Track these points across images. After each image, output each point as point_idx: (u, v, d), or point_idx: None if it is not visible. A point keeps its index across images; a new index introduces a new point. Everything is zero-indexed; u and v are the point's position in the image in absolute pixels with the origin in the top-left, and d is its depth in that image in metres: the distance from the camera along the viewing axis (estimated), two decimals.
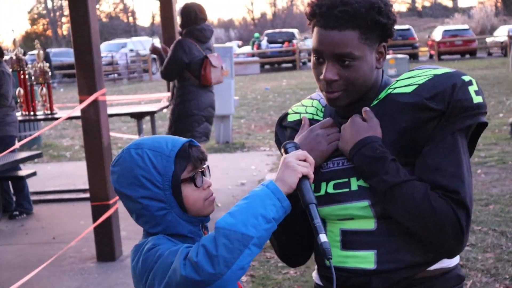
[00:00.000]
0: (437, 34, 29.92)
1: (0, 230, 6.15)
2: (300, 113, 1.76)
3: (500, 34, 29.71)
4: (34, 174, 6.44)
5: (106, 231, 4.92)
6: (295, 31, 34.62)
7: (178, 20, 5.89)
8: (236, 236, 1.38)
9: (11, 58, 6.94)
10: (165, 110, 7.35)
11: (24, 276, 4.20)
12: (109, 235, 4.95)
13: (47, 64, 7.09)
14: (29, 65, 7.16)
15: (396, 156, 1.55)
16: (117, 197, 5.08)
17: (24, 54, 7.15)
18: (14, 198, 6.68)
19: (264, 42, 32.34)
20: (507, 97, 13.60)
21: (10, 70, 6.73)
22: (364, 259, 1.58)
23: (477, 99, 1.54)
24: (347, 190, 1.59)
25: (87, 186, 5.23)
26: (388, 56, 19.77)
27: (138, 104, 11.48)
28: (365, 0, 1.53)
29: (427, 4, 71.54)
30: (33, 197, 6.86)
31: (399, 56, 19.12)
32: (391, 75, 18.03)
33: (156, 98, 10.40)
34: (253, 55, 31.50)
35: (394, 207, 1.53)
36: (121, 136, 10.82)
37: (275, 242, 1.75)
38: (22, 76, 6.93)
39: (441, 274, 1.59)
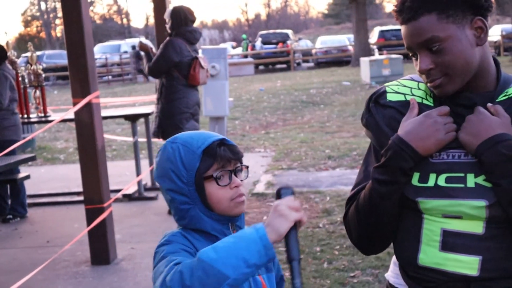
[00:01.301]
0: None
1: None
2: (404, 94, 1.64)
3: (494, 34, 29.80)
4: (28, 177, 6.40)
5: (100, 234, 4.89)
6: (289, 32, 34.69)
7: (167, 22, 5.91)
8: (213, 272, 1.35)
9: None
10: None
11: (18, 280, 4.18)
12: (104, 238, 4.92)
13: (41, 67, 7.06)
14: (23, 67, 7.13)
15: None
16: (111, 200, 5.05)
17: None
18: (9, 203, 6.63)
19: (258, 43, 32.35)
20: None
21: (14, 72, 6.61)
22: (467, 265, 1.49)
23: None
24: (462, 185, 1.49)
25: (81, 189, 5.20)
26: (382, 56, 19.82)
27: (132, 106, 11.46)
28: None
29: None
30: (27, 200, 6.82)
31: (393, 56, 19.14)
32: (385, 76, 18.10)
33: (150, 100, 10.35)
34: (246, 56, 31.51)
35: None
36: (115, 139, 10.78)
37: (355, 225, 1.65)
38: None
39: None
